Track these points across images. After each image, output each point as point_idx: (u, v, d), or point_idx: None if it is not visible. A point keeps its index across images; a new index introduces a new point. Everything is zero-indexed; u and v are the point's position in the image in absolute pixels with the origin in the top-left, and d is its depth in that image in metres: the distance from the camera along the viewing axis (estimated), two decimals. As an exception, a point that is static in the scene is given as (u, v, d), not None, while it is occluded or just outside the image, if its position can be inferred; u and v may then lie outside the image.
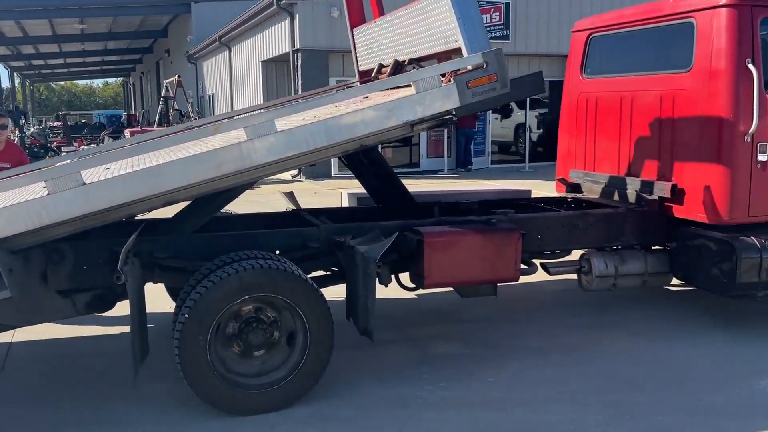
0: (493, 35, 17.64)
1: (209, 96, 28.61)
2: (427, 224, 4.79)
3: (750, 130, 4.83)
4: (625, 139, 5.79)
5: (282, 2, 16.34)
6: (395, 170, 5.72)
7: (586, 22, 6.39)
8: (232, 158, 3.75)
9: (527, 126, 19.68)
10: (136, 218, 4.77)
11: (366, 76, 6.12)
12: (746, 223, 5.03)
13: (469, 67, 4.17)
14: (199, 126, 6.12)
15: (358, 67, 6.27)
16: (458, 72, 4.21)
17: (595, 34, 6.20)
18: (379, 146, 18.86)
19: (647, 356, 4.78)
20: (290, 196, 5.78)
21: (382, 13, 5.89)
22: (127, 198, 3.61)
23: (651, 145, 5.51)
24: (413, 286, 4.83)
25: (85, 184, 3.46)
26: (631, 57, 6.00)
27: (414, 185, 6.53)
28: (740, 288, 4.90)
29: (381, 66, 5.61)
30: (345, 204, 6.26)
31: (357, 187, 5.95)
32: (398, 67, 5.26)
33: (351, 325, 4.37)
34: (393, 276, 4.85)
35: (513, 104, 19.43)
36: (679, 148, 5.25)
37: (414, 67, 5.12)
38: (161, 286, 5.04)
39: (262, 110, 5.60)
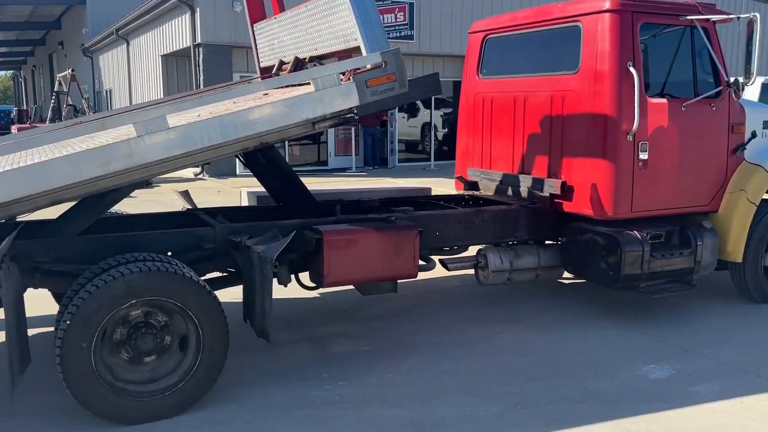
0: (397, 35, 17.84)
1: (106, 91, 27.37)
2: (326, 223, 4.77)
3: (632, 130, 5.10)
4: (519, 138, 5.98)
5: (182, -5, 15.87)
6: (303, 168, 5.67)
7: (482, 23, 6.55)
8: (121, 155, 3.62)
9: (432, 125, 20.03)
10: (17, 219, 4.49)
11: (267, 73, 6.02)
12: (630, 218, 5.30)
13: (369, 66, 4.19)
14: (88, 121, 5.84)
15: (259, 63, 6.17)
16: (357, 71, 4.23)
17: (490, 36, 6.37)
18: (287, 144, 18.67)
19: (540, 347, 4.96)
20: (185, 195, 5.61)
21: (282, 9, 5.82)
22: (7, 197, 3.40)
23: (543, 144, 5.72)
24: (313, 285, 4.80)
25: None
26: (524, 58, 6.20)
27: (321, 183, 6.52)
28: (625, 280, 5.17)
29: (282, 63, 5.54)
30: (245, 203, 6.14)
31: (259, 186, 5.84)
32: (299, 65, 5.22)
33: (249, 327, 4.29)
34: (293, 276, 4.80)
35: (419, 103, 19.74)
36: (568, 146, 5.47)
37: (315, 65, 5.09)
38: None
39: (153, 106, 5.40)
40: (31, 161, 3.63)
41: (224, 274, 4.82)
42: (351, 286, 5.25)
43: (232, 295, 4.75)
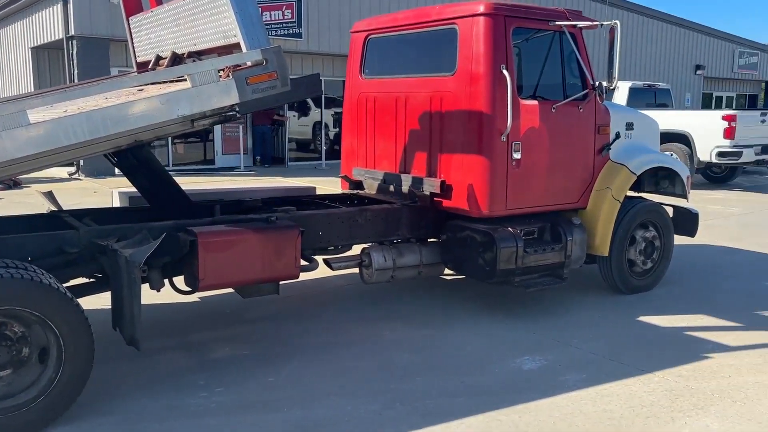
0: (284, 33, 17.64)
1: (-30, 84, 25.24)
2: (202, 224, 4.61)
3: (505, 131, 5.28)
4: (401, 138, 6.05)
5: (52, -16, 14.90)
6: (188, 168, 5.45)
7: (364, 23, 6.58)
8: None
9: (323, 124, 19.96)
10: None
11: (144, 68, 5.75)
12: (505, 215, 5.50)
13: (249, 64, 4.12)
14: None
15: (135, 58, 5.90)
16: (237, 68, 4.13)
17: (372, 36, 6.40)
18: (170, 142, 17.97)
19: (421, 344, 5.04)
20: (50, 196, 5.25)
21: (159, 2, 5.60)
22: None
23: (423, 144, 5.81)
24: (188, 289, 4.62)
25: None
26: (405, 59, 6.28)
27: (206, 183, 6.29)
28: (501, 275, 5.35)
29: (159, 58, 5.33)
30: (116, 204, 5.83)
31: (132, 186, 5.56)
32: (177, 60, 5.04)
33: (119, 335, 4.07)
34: (167, 280, 4.61)
35: (310, 102, 19.62)
36: (446, 146, 5.59)
37: (194, 61, 4.92)
38: None
39: (14, 100, 5.02)
40: None
41: (91, 279, 4.55)
42: (229, 289, 5.11)
43: (104, 301, 4.50)
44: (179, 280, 4.68)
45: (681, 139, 13.97)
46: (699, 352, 4.92)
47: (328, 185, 9.39)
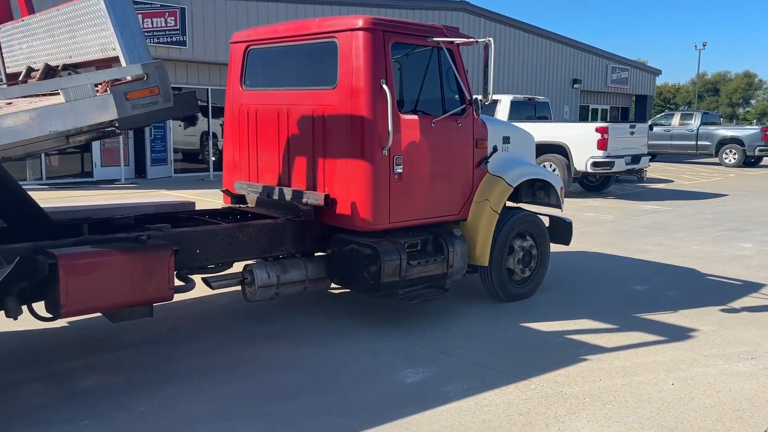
0: (168, 40, 17.06)
1: None
2: (64, 245, 4.30)
3: (386, 145, 5.31)
4: (284, 151, 5.96)
5: None
6: (64, 181, 5.07)
7: (244, 34, 6.44)
8: None
9: (211, 134, 19.43)
10: None
11: (15, 80, 5.42)
12: (389, 228, 5.52)
13: (129, 78, 3.97)
14: None
15: (5, 69, 5.55)
16: (116, 82, 3.97)
17: (252, 47, 6.27)
18: (43, 154, 16.74)
19: (304, 363, 4.94)
20: None
21: (31, 11, 5.32)
22: None
23: (306, 157, 5.74)
24: (50, 316, 4.29)
25: None
26: (286, 71, 6.20)
27: (84, 197, 5.91)
28: (385, 287, 5.36)
29: (30, 69, 5.02)
30: (-30, 225, 5.33)
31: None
32: (50, 72, 4.75)
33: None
34: (25, 306, 4.26)
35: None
36: (329, 160, 5.55)
37: (69, 74, 4.67)
38: None
39: None
40: None
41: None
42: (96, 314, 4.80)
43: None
44: (39, 306, 4.34)
45: (559, 150, 14.69)
46: (574, 357, 5.12)
47: (216, 197, 9.11)
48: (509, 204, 6.58)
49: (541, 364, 4.96)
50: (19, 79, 4.99)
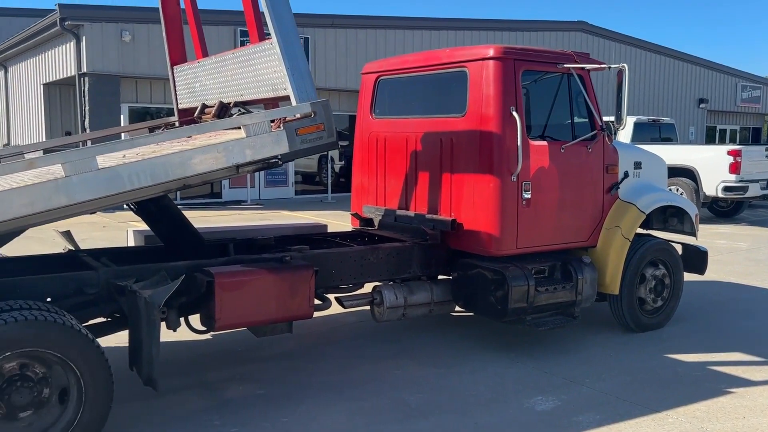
0: (293, 69, 17.87)
1: (-20, 119, 25.61)
2: (217, 264, 4.67)
3: (515, 171, 5.36)
4: (412, 176, 6.14)
5: (66, 23, 15.21)
6: (195, 201, 5.57)
7: (374, 65, 6.72)
8: (47, 195, 3.61)
9: (329, 157, 20.12)
10: None
11: (186, 115, 6.14)
12: (516, 254, 5.55)
13: (298, 115, 4.34)
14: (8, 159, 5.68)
15: (177, 105, 6.24)
16: (287, 119, 4.33)
17: (382, 77, 6.53)
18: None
19: (432, 383, 5.05)
20: (67, 235, 5.33)
21: (205, 54, 5.93)
22: None
23: (434, 183, 5.90)
24: (204, 329, 4.67)
25: None
26: (415, 100, 6.41)
27: (215, 217, 6.37)
28: (512, 313, 5.38)
29: (205, 106, 5.59)
30: (131, 243, 5.89)
31: (143, 224, 5.64)
32: (223, 109, 5.29)
33: (135, 375, 4.10)
34: (182, 319, 4.66)
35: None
36: (457, 186, 5.67)
37: (240, 110, 5.20)
38: None
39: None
40: None
41: (108, 319, 4.60)
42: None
43: (117, 339, 4.54)
44: (194, 319, 4.73)
45: (687, 173, 14.05)
46: (713, 392, 4.91)
47: (335, 219, 9.47)
48: (639, 231, 6.41)
49: (677, 398, 4.79)
50: (195, 114, 5.53)
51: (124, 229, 11.47)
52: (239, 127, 4.28)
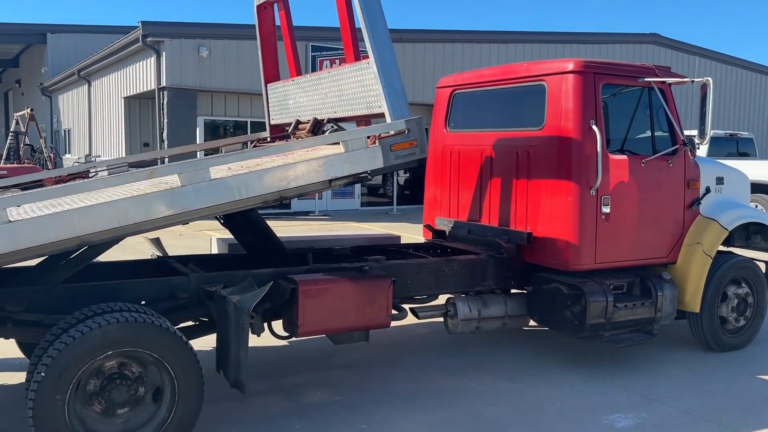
0: (362, 82, 18.13)
1: (65, 131, 27.01)
2: (300, 272, 4.81)
3: (595, 185, 5.32)
4: (486, 189, 6.16)
5: (148, 40, 15.93)
6: (264, 212, 5.78)
7: (449, 79, 6.79)
8: (165, 203, 3.87)
9: (395, 170, 20.27)
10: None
11: (278, 130, 6.41)
12: (594, 269, 5.49)
13: (392, 132, 4.49)
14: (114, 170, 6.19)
15: (269, 121, 6.53)
16: (381, 136, 4.50)
17: (457, 91, 6.60)
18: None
19: (508, 396, 5.04)
20: (156, 242, 5.59)
21: (299, 73, 6.18)
22: (56, 237, 3.59)
23: (509, 196, 5.90)
24: (286, 334, 4.81)
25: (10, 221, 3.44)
26: (490, 114, 6.44)
27: (285, 227, 6.57)
28: (590, 329, 5.32)
29: (299, 122, 5.81)
30: (215, 250, 6.13)
31: (227, 232, 5.85)
32: (317, 125, 5.49)
33: (220, 376, 4.27)
34: (265, 324, 4.81)
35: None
36: (533, 199, 5.66)
37: (333, 126, 5.37)
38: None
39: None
40: (71, 206, 3.78)
41: (196, 323, 4.80)
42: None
43: (202, 342, 4.73)
44: (276, 325, 4.88)
45: (766, 189, 13.53)
46: (802, 417, 4.74)
47: (402, 231, 9.55)
48: (721, 248, 6.24)
49: (760, 421, 4.64)
50: (290, 130, 5.77)
51: (199, 237, 11.90)
52: (338, 143, 4.44)
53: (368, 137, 4.47)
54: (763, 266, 6.54)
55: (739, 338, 6.22)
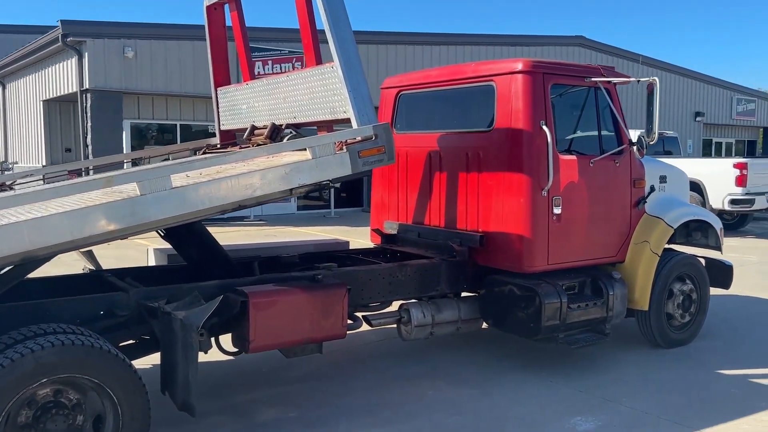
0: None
1: (-23, 136, 25.42)
2: (249, 283, 4.56)
3: (546, 186, 5.28)
4: (437, 192, 6.04)
5: (68, 39, 15.12)
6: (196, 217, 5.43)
7: (395, 80, 6.64)
8: (123, 213, 3.58)
9: (330, 173, 20.02)
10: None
11: (228, 136, 6.15)
12: (547, 270, 5.45)
13: (359, 138, 4.33)
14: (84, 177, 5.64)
15: (219, 126, 6.23)
16: (348, 142, 4.32)
17: (403, 92, 6.45)
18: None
19: (469, 405, 4.92)
20: (89, 255, 5.20)
21: (253, 77, 5.90)
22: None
23: (460, 198, 5.80)
24: (236, 350, 4.53)
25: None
26: (438, 115, 6.33)
27: (221, 234, 6.26)
28: (545, 331, 5.27)
29: (254, 128, 5.53)
30: (152, 262, 5.76)
31: (162, 242, 5.50)
32: (275, 131, 5.23)
33: (166, 397, 3.97)
34: (212, 339, 4.52)
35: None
36: (485, 201, 5.58)
37: (291, 132, 5.12)
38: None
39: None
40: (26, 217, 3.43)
41: (136, 341, 4.45)
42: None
43: (142, 361, 4.39)
44: (224, 339, 4.59)
45: (693, 187, 14.02)
46: (753, 409, 4.82)
47: (342, 235, 9.32)
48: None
49: (717, 416, 4.69)
50: (245, 136, 5.48)
51: (132, 247, 11.31)
52: (304, 149, 4.23)
53: (335, 143, 4.27)
54: (703, 262, 6.68)
55: (685, 334, 6.33)
